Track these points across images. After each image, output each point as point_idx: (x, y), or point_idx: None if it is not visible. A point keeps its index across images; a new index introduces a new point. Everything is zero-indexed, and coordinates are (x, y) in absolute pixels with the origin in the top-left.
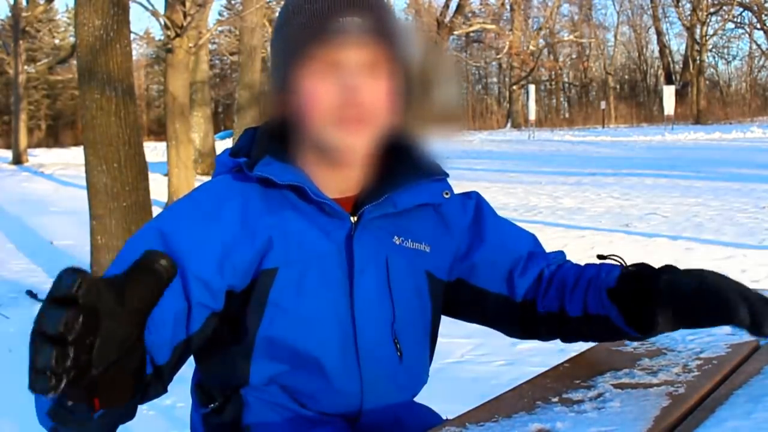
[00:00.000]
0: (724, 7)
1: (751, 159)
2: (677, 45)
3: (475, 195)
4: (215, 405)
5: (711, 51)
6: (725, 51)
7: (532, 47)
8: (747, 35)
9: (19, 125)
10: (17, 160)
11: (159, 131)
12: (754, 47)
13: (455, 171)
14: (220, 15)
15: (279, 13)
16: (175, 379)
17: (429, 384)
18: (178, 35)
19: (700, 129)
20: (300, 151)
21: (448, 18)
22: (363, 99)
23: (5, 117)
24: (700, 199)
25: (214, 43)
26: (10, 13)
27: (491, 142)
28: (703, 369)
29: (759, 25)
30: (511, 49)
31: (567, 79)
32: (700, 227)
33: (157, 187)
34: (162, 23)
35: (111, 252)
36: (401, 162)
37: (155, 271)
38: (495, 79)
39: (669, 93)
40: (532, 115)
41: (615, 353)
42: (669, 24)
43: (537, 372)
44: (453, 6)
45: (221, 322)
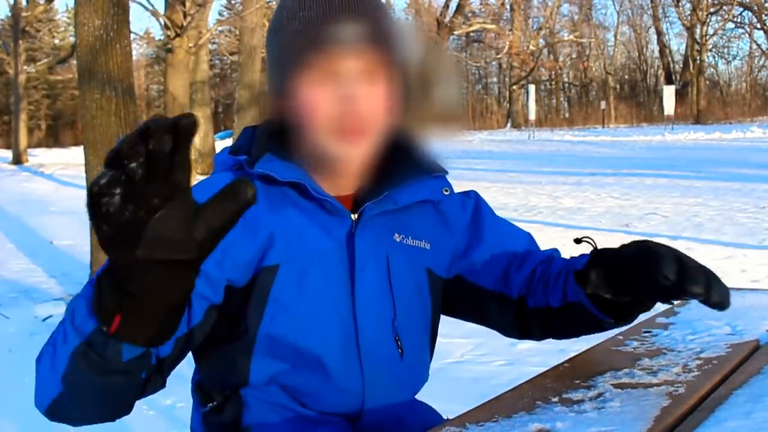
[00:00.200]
0: (724, 7)
1: (751, 159)
2: (677, 45)
3: (474, 194)
4: (214, 404)
5: (711, 51)
6: (725, 51)
7: (532, 47)
8: (747, 35)
9: (19, 125)
10: (17, 160)
11: None
12: (754, 47)
13: (455, 171)
14: (220, 15)
15: (273, 17)
16: (175, 379)
17: (429, 384)
18: (178, 35)
19: (700, 129)
20: (299, 151)
21: (448, 18)
22: (361, 109)
23: (5, 117)
24: (700, 199)
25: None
26: (10, 13)
27: (491, 142)
28: (703, 369)
29: (759, 25)
30: (511, 49)
31: (567, 79)
32: (700, 227)
33: None
34: (162, 23)
35: None
36: (400, 159)
37: (236, 193)
38: (495, 79)
39: (669, 93)
40: (532, 115)
41: (615, 353)
42: (669, 24)
43: (537, 372)
44: (453, 6)
45: (220, 316)
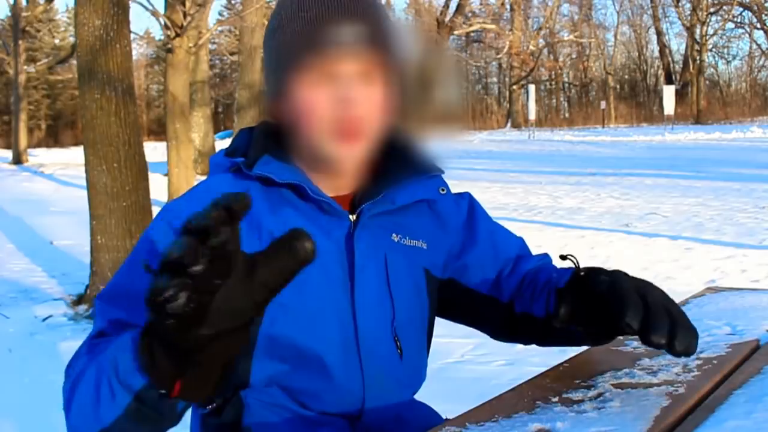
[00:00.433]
0: (724, 7)
1: (751, 159)
2: (677, 45)
3: (468, 196)
4: (214, 406)
5: (711, 51)
6: (725, 51)
7: (532, 47)
8: (747, 35)
9: (19, 125)
10: (17, 160)
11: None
12: (754, 47)
13: (456, 171)
14: (220, 15)
15: (271, 17)
16: None
17: (429, 384)
18: (178, 35)
19: (700, 129)
20: (296, 152)
21: (448, 18)
22: (359, 111)
23: (5, 117)
24: (700, 199)
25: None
26: (10, 13)
27: (491, 142)
28: (703, 369)
29: (759, 25)
30: (511, 49)
31: (567, 79)
32: (700, 227)
33: (157, 187)
34: (162, 23)
35: (111, 252)
36: (397, 159)
37: (295, 251)
38: (495, 79)
39: (669, 93)
40: (532, 115)
41: (615, 353)
42: (669, 24)
43: (537, 372)
44: (453, 6)
45: None
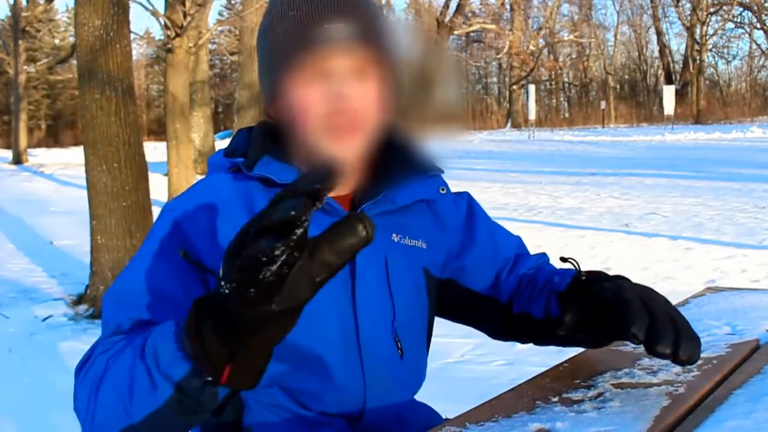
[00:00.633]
0: (724, 7)
1: (751, 159)
2: (677, 45)
3: (467, 195)
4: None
5: (711, 51)
6: (725, 51)
7: (532, 47)
8: (747, 35)
9: (19, 125)
10: (17, 159)
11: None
12: (754, 47)
13: (456, 171)
14: (220, 15)
15: (263, 18)
16: None
17: (429, 384)
18: (178, 35)
19: (700, 129)
20: (295, 152)
21: (448, 18)
22: (352, 106)
23: (5, 117)
24: (700, 199)
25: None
26: (10, 13)
27: (491, 142)
28: (703, 369)
29: (759, 25)
30: (511, 49)
31: (567, 79)
32: (700, 227)
33: (157, 187)
34: (162, 23)
35: (111, 252)
36: (396, 158)
37: (357, 231)
38: (495, 79)
39: (669, 93)
40: (532, 115)
41: (615, 353)
42: (669, 24)
43: (537, 372)
44: (453, 6)
45: None
